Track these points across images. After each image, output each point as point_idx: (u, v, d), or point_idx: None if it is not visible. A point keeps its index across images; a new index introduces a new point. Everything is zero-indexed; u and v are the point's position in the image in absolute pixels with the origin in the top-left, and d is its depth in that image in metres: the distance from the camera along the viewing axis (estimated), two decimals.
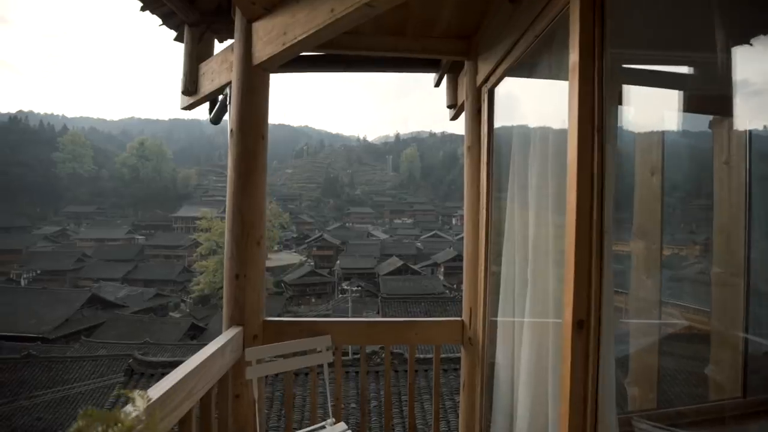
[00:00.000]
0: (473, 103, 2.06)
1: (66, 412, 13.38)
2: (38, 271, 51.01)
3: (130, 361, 6.88)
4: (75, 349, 21.92)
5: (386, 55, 2.26)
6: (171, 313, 38.50)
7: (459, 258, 56.62)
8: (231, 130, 1.81)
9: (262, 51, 1.75)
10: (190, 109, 2.40)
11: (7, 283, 44.47)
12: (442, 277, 50.94)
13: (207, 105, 2.33)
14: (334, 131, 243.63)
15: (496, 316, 1.73)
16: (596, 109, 1.18)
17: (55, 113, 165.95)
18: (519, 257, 1.53)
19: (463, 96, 2.19)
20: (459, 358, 2.31)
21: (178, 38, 2.35)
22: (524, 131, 1.67)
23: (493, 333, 1.79)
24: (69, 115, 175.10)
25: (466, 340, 2.13)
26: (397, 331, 2.25)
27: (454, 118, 2.59)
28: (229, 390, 1.74)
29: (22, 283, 48.21)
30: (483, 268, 1.94)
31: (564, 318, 1.11)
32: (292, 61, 2.41)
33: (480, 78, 1.98)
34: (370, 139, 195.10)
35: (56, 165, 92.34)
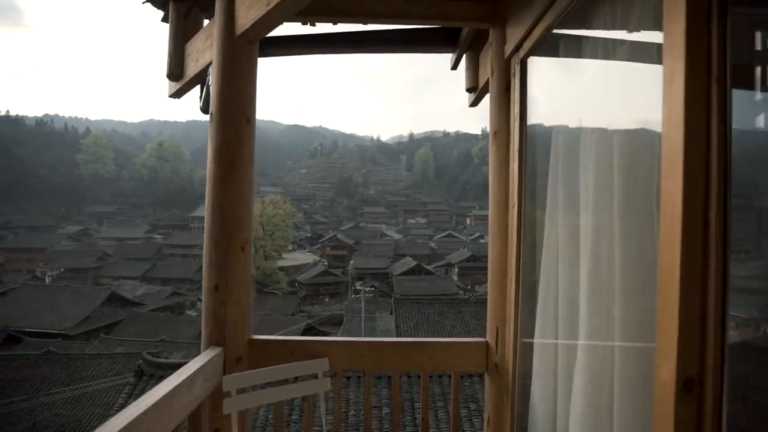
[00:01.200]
0: (500, 78, 1.69)
1: (84, 408, 13.53)
2: (62, 269, 52.56)
3: (140, 362, 6.74)
4: (94, 346, 22.33)
5: (397, 28, 1.95)
6: (187, 311, 39.04)
7: (473, 258, 56.23)
8: (211, 114, 1.53)
9: (245, 17, 1.47)
10: (178, 97, 2.13)
11: (32, 281, 45.98)
12: (456, 278, 50.38)
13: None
14: (347, 131, 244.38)
15: (532, 336, 1.38)
16: (712, 100, 0.77)
17: (78, 116, 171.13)
18: (567, 267, 1.19)
19: (486, 74, 1.85)
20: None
21: (165, 18, 2.09)
22: (572, 115, 1.33)
23: (527, 358, 1.43)
24: (92, 117, 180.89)
25: (491, 367, 1.74)
26: (407, 354, 1.86)
27: (475, 103, 2.24)
28: (204, 427, 1.44)
29: (47, 280, 49.77)
30: (513, 278, 1.58)
31: (659, 374, 0.78)
32: (293, 42, 2.11)
33: (509, 47, 1.62)
34: (383, 139, 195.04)
35: (79, 166, 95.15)
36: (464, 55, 2.17)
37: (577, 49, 1.29)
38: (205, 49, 1.69)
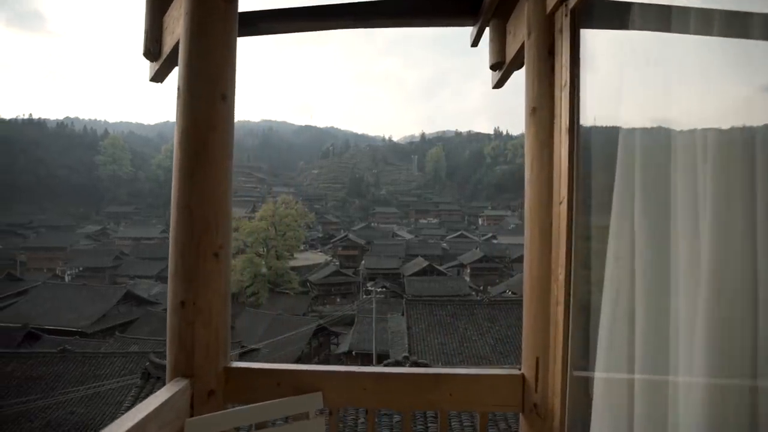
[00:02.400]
0: (540, 39, 1.32)
1: (97, 407, 13.60)
2: (80, 268, 53.78)
3: (147, 364, 6.57)
4: (109, 345, 22.62)
5: None
6: None
7: (486, 259, 55.54)
8: (178, 89, 1.24)
9: None
10: (160, 80, 1.84)
11: (52, 279, 47.20)
12: (468, 279, 49.80)
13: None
14: (359, 131, 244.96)
15: (591, 369, 1.01)
16: None
17: (97, 119, 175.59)
18: (654, 284, 0.86)
19: (517, 42, 1.49)
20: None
21: None
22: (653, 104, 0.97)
23: (582, 397, 1.08)
24: (110, 120, 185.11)
25: (528, 407, 1.34)
26: (421, 388, 1.42)
27: (500, 83, 1.89)
28: None
29: (66, 279, 51.01)
30: (562, 295, 1.22)
31: None
32: (286, 16, 1.80)
33: None
34: (395, 139, 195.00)
35: (98, 167, 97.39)
36: (488, 26, 1.83)
37: (658, 17, 0.94)
38: (179, 17, 1.40)
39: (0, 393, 14.56)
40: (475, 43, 1.91)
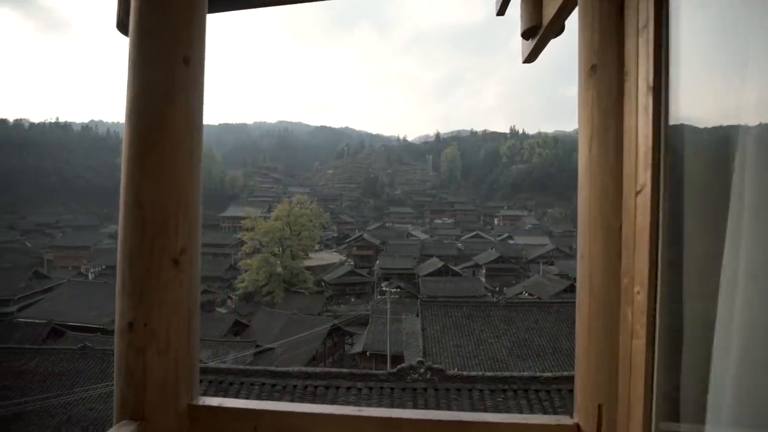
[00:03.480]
0: None
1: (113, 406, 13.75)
2: (103, 266, 55.25)
3: None
4: None
5: None
6: (218, 309, 39.98)
7: (502, 260, 54.66)
8: (129, 52, 0.96)
9: None
10: None
11: (77, 277, 48.67)
12: (483, 280, 49.06)
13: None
14: (374, 132, 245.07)
15: (699, 421, 0.64)
16: None
17: (120, 121, 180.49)
18: None
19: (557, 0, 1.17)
20: None
21: None
22: None
23: None
24: None
25: None
26: None
27: (532, 56, 1.56)
28: None
29: (90, 277, 52.52)
30: (641, 324, 0.85)
31: None
32: None
33: None
34: (410, 138, 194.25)
35: (118, 169, 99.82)
36: None
37: None
38: None
39: (24, 388, 14.97)
40: (501, 11, 1.59)
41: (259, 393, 5.68)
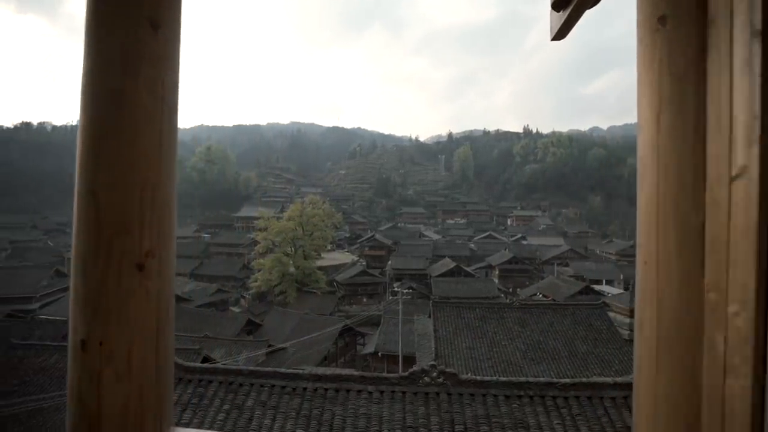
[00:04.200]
0: None
1: None
2: None
3: None
4: None
5: None
6: (231, 308, 40.44)
7: (515, 261, 53.99)
8: (84, 16, 0.79)
9: None
10: None
11: None
12: (496, 281, 48.48)
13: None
14: (386, 132, 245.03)
15: None
16: None
17: None
18: None
19: None
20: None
21: None
22: None
23: None
24: None
25: None
26: None
27: (563, 32, 1.37)
28: None
29: None
30: (744, 359, 0.60)
31: None
32: None
33: None
34: (422, 138, 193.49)
35: None
36: None
37: None
38: None
39: (43, 384, 15.31)
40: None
41: (269, 395, 5.58)
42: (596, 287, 40.70)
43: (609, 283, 45.78)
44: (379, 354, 24.96)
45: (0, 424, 12.48)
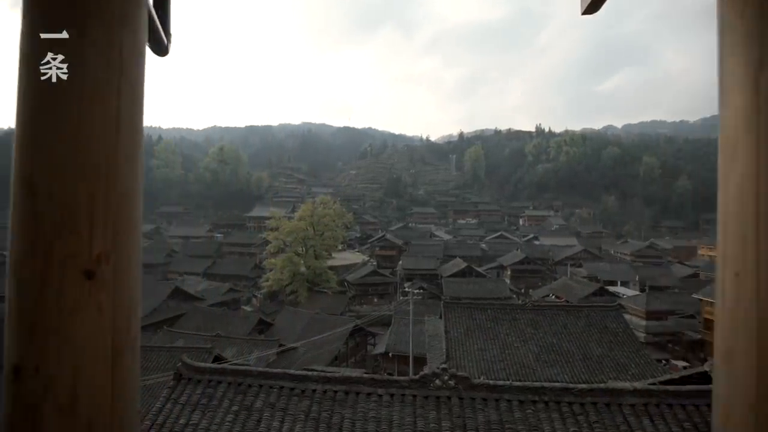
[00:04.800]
0: None
1: (144, 399, 14.13)
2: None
3: (179, 365, 6.40)
4: (158, 338, 23.78)
5: None
6: (243, 307, 40.83)
7: (527, 261, 53.33)
8: None
9: None
10: None
11: None
12: (508, 281, 47.93)
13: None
14: (396, 132, 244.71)
15: None
16: None
17: (153, 125, 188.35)
18: None
19: None
20: None
21: None
22: None
23: None
24: (164, 126, 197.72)
25: None
26: None
27: (594, 5, 1.23)
28: None
29: None
30: None
31: None
32: None
33: None
34: (433, 138, 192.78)
35: (153, 170, 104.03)
36: None
37: None
38: None
39: None
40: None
41: (278, 396, 5.52)
42: (611, 289, 39.90)
43: (624, 284, 44.83)
44: (390, 354, 24.86)
45: None
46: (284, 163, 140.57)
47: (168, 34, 0.94)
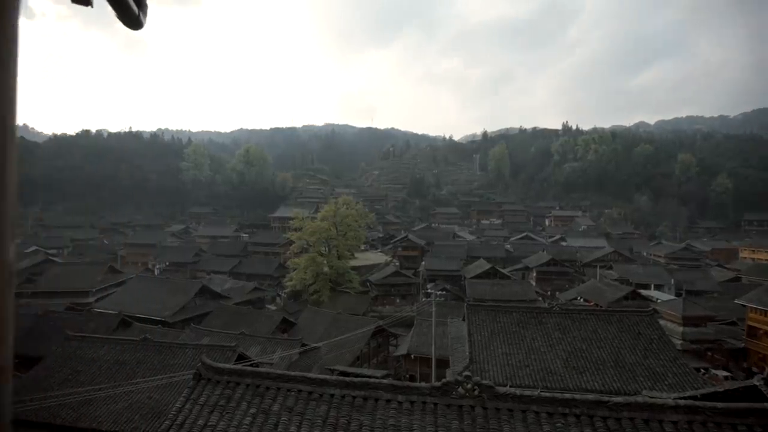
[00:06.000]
0: None
1: (170, 395, 14.54)
2: (167, 263, 59.84)
3: (199, 365, 6.46)
4: (186, 335, 24.48)
5: None
6: (267, 306, 41.55)
7: (553, 263, 51.89)
8: None
9: None
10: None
11: (145, 272, 53.08)
12: (534, 283, 46.68)
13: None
14: (419, 132, 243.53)
15: None
16: None
17: (183, 129, 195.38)
18: None
19: None
20: None
21: None
22: None
23: None
24: (193, 129, 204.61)
25: None
26: None
27: None
28: None
29: (156, 272, 57.07)
30: None
31: None
32: None
33: None
34: (456, 138, 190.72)
35: (182, 172, 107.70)
36: None
37: None
38: None
39: (93, 374, 16.33)
40: None
41: (296, 400, 5.45)
42: (644, 292, 38.14)
43: (658, 288, 42.76)
44: (412, 356, 24.62)
45: (53, 412, 13.39)
46: (308, 164, 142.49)
47: (142, 6, 0.80)
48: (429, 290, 35.75)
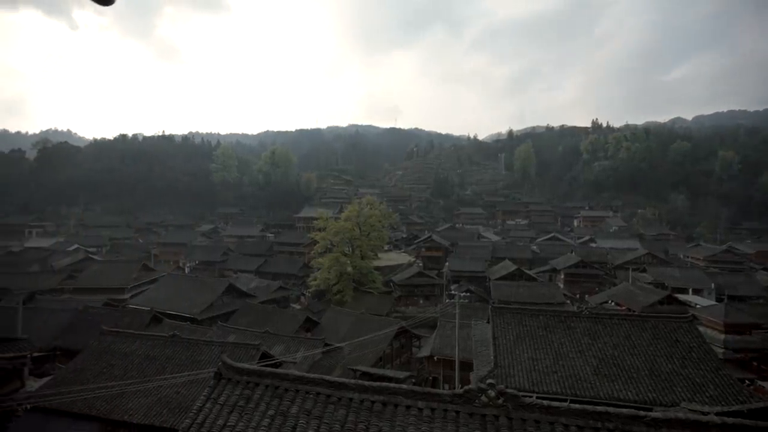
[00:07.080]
0: None
1: (197, 390, 14.90)
2: (197, 262, 61.87)
3: (219, 364, 6.54)
4: (213, 332, 25.12)
5: None
6: (292, 305, 42.15)
7: (582, 265, 50.14)
8: None
9: None
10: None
11: (176, 271, 55.10)
12: (561, 285, 45.20)
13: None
14: (443, 131, 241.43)
15: None
16: None
17: (212, 132, 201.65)
18: None
19: None
20: None
21: None
22: None
23: None
24: (222, 132, 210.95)
25: None
26: None
27: None
28: None
29: (186, 270, 59.14)
30: None
31: None
32: None
33: None
34: (481, 137, 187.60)
35: (212, 174, 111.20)
36: None
37: None
38: None
39: (126, 368, 16.98)
40: None
41: (314, 403, 5.39)
42: (681, 297, 36.16)
43: (697, 292, 40.43)
44: (435, 358, 24.31)
45: (89, 404, 14.00)
46: (332, 165, 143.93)
47: None
48: (452, 291, 35.24)
